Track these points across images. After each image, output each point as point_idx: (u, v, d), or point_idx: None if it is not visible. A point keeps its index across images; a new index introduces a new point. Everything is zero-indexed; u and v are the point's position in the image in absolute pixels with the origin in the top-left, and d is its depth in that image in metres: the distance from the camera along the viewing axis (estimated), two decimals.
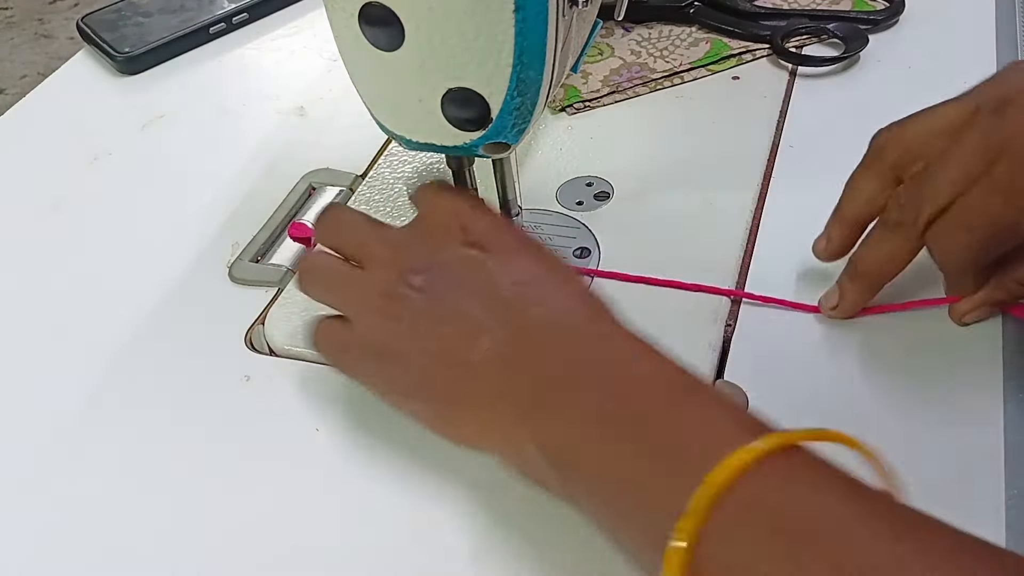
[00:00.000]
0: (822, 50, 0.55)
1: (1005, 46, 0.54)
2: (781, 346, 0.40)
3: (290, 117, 0.56)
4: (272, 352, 0.42)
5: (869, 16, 0.56)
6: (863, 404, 0.37)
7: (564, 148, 0.51)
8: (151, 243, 0.48)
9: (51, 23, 1.89)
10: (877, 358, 0.39)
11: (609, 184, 0.48)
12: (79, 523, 0.36)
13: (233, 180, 0.52)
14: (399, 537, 0.35)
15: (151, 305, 0.45)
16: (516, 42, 0.32)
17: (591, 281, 0.43)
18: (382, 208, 0.48)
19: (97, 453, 0.39)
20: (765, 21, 0.57)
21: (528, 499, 0.33)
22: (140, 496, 0.37)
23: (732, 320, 0.41)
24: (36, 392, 0.42)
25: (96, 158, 0.54)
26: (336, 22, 0.34)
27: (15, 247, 0.50)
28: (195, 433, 0.39)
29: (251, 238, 0.47)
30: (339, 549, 0.35)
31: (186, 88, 0.60)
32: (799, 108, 0.52)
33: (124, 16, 0.64)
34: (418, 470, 0.37)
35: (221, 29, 0.63)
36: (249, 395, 0.40)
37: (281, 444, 0.38)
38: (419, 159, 0.51)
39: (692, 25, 0.58)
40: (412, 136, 0.36)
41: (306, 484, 0.37)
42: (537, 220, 0.46)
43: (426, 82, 0.34)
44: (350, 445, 0.38)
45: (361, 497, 0.36)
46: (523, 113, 0.35)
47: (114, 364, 0.42)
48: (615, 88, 0.54)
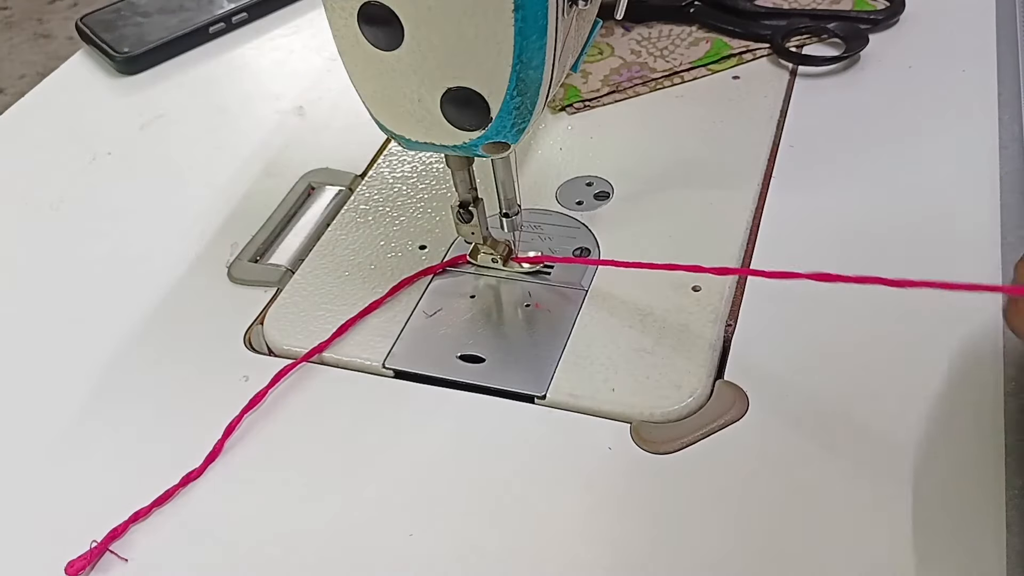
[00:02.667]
0: (823, 50, 0.55)
1: (1006, 46, 0.54)
2: (782, 347, 0.39)
3: (289, 117, 0.56)
4: (271, 352, 0.42)
5: (870, 16, 0.56)
6: (864, 404, 0.37)
7: (564, 148, 0.51)
8: (150, 243, 0.48)
9: (50, 23, 1.89)
10: (877, 359, 0.39)
11: (609, 184, 0.48)
12: (76, 522, 0.36)
13: (232, 180, 0.51)
14: (396, 535, 0.35)
15: (150, 305, 0.45)
16: (516, 42, 0.32)
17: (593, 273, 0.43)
18: (380, 208, 0.48)
19: (95, 452, 0.39)
20: (766, 20, 0.57)
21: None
22: (137, 495, 0.37)
23: (732, 320, 0.41)
24: (34, 391, 0.42)
25: (95, 158, 0.54)
26: (335, 22, 0.34)
27: (14, 247, 0.49)
28: (193, 432, 0.39)
29: (250, 238, 0.47)
30: (339, 555, 0.35)
31: (185, 88, 0.59)
32: (799, 108, 0.52)
33: (123, 16, 0.64)
34: (418, 469, 0.37)
35: (220, 29, 0.63)
36: (248, 395, 0.40)
37: (278, 444, 0.38)
38: (418, 159, 0.51)
39: (692, 24, 0.58)
40: (411, 136, 0.36)
41: (302, 484, 0.37)
42: (537, 220, 0.46)
43: (425, 82, 0.34)
44: (346, 445, 0.38)
45: (356, 497, 0.36)
46: (523, 113, 0.34)
47: (113, 363, 0.42)
48: (615, 88, 0.54)
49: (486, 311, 0.42)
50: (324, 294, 0.44)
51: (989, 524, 0.32)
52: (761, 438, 0.36)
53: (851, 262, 0.42)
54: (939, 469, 0.34)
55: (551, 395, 0.38)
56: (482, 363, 0.40)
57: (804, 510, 0.34)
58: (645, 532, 0.34)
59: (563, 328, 0.41)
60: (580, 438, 0.37)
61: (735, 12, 0.58)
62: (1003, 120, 0.49)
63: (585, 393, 0.38)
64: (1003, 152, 0.47)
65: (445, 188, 0.49)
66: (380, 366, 0.40)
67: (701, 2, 0.58)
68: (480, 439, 0.37)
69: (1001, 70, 0.52)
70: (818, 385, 0.38)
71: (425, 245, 0.46)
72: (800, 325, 0.40)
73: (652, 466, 0.36)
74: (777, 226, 0.45)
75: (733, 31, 0.57)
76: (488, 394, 0.39)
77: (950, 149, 0.48)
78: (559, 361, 0.39)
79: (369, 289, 0.44)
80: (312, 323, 0.42)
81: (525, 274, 0.44)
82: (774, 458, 0.35)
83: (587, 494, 0.35)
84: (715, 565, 0.33)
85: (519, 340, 0.41)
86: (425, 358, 0.41)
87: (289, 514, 0.36)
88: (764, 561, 0.33)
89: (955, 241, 0.43)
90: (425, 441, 0.38)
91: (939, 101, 0.51)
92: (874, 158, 0.48)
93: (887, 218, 0.44)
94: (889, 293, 0.40)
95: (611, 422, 0.37)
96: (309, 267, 0.45)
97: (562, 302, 0.42)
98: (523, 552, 0.34)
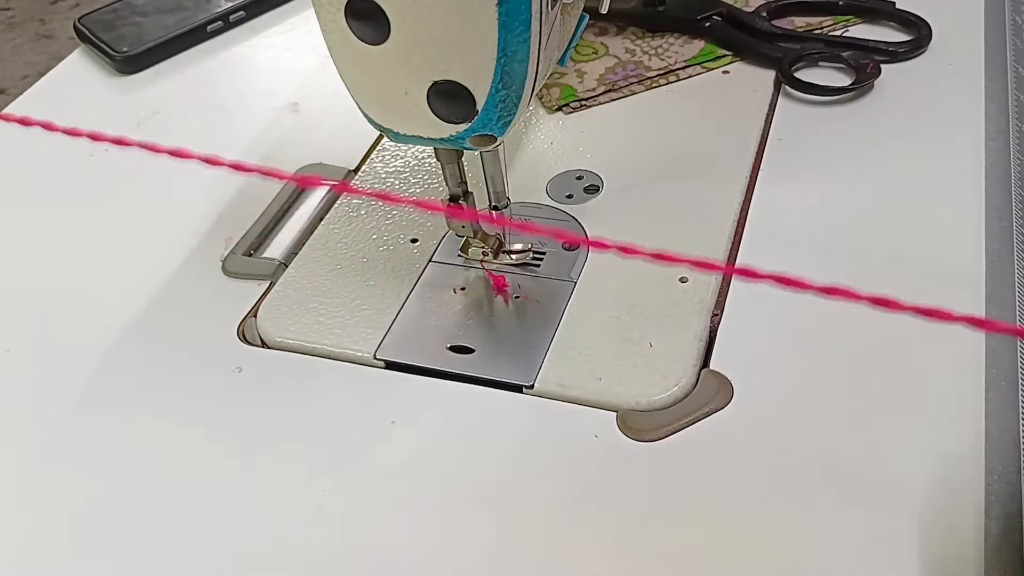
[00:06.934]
0: (831, 74, 0.54)
1: (993, 39, 0.54)
2: (768, 337, 0.40)
3: (284, 113, 0.57)
4: (264, 344, 0.43)
5: (888, 48, 0.54)
6: (848, 393, 0.38)
7: (554, 142, 0.51)
8: (146, 238, 0.49)
9: (52, 23, 1.90)
10: (862, 348, 0.39)
11: (599, 177, 0.49)
12: (71, 517, 0.37)
13: (227, 175, 0.52)
14: (386, 524, 0.35)
15: (146, 298, 0.45)
16: (500, 35, 0.33)
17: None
18: (373, 202, 0.49)
19: (90, 444, 0.39)
20: (781, 43, 0.56)
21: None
22: (132, 486, 0.37)
23: (719, 310, 0.41)
24: (29, 384, 0.42)
25: (92, 155, 0.55)
26: (323, 17, 0.34)
27: (12, 242, 0.50)
28: (187, 423, 0.39)
29: (244, 232, 0.48)
30: (330, 544, 0.35)
31: (182, 86, 0.60)
32: (787, 101, 0.52)
33: (121, 16, 0.64)
34: (408, 458, 0.37)
35: (218, 28, 0.64)
36: (241, 386, 0.41)
37: (271, 435, 0.39)
38: (410, 154, 0.51)
39: (705, 38, 0.57)
40: (399, 129, 0.37)
41: (296, 476, 0.37)
42: (527, 213, 0.47)
43: (412, 75, 0.34)
44: (337, 435, 0.38)
45: (346, 487, 0.37)
46: (508, 106, 0.35)
47: (108, 356, 0.43)
48: (611, 87, 0.55)
49: (476, 303, 0.43)
50: (317, 287, 0.44)
51: (969, 510, 0.33)
52: (745, 426, 0.37)
53: (837, 255, 0.43)
54: (921, 457, 0.35)
55: (539, 385, 0.39)
56: (472, 354, 0.41)
57: (787, 497, 0.34)
58: (631, 518, 0.34)
59: (551, 319, 0.41)
60: (567, 427, 0.37)
61: (751, 31, 0.56)
62: (989, 113, 0.49)
63: (572, 383, 0.39)
64: (989, 144, 0.47)
65: (437, 183, 0.49)
66: (371, 357, 0.41)
67: (719, 18, 0.57)
68: (469, 428, 0.38)
69: (988, 63, 0.53)
70: (802, 374, 0.38)
71: (417, 238, 0.46)
72: (785, 316, 0.40)
73: (638, 454, 0.36)
74: (764, 219, 0.45)
75: (744, 51, 0.56)
76: (478, 384, 0.40)
77: (936, 142, 0.48)
78: (547, 351, 0.40)
79: (361, 282, 0.44)
80: (305, 316, 0.43)
81: (514, 266, 0.44)
82: (758, 446, 0.36)
83: (574, 481, 0.36)
84: (700, 551, 0.33)
85: (508, 331, 0.42)
86: (415, 349, 0.41)
87: (279, 504, 0.36)
88: (749, 548, 0.33)
89: (940, 234, 0.43)
90: (415, 431, 0.38)
91: (925, 94, 0.51)
92: (860, 151, 0.48)
93: (873, 211, 0.45)
94: (872, 285, 0.40)
95: (598, 411, 0.38)
96: (302, 260, 0.46)
97: (551, 294, 0.43)
98: (511, 539, 0.34)
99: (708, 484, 0.35)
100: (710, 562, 0.33)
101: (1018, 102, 0.49)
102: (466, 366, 0.40)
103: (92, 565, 0.35)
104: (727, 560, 0.33)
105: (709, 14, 0.57)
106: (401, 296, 0.43)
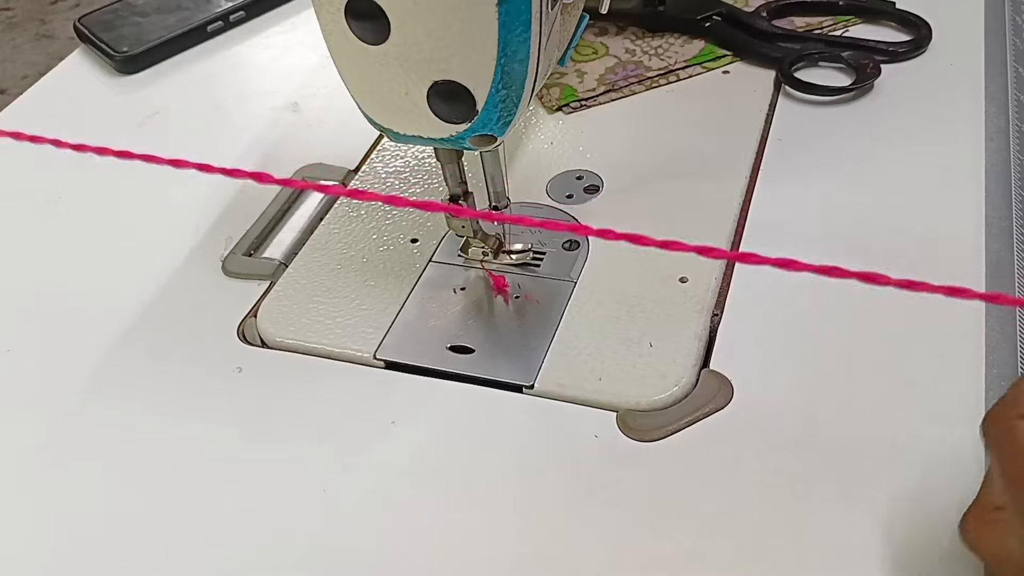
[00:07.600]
0: (831, 74, 0.54)
1: (993, 39, 0.54)
2: (767, 337, 0.40)
3: (284, 113, 0.57)
4: (264, 344, 0.43)
5: (888, 48, 0.54)
6: (847, 394, 0.38)
7: (554, 142, 0.51)
8: (147, 237, 0.49)
9: (52, 23, 1.90)
10: (861, 348, 0.39)
11: (599, 177, 0.49)
12: (71, 516, 0.37)
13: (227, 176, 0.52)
14: (386, 524, 0.35)
15: (146, 298, 0.45)
16: (500, 35, 0.33)
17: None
18: (373, 202, 0.49)
19: (90, 444, 0.39)
20: (781, 43, 0.56)
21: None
22: (132, 486, 0.37)
23: (719, 311, 0.41)
24: (29, 384, 0.42)
25: (92, 154, 0.55)
26: (323, 17, 0.34)
27: (12, 243, 0.50)
28: (187, 422, 0.39)
29: (244, 232, 0.48)
30: (331, 544, 0.35)
31: (182, 86, 0.60)
32: (787, 101, 0.52)
33: (121, 16, 0.64)
34: (408, 458, 0.37)
35: (218, 27, 0.64)
36: (241, 386, 0.41)
37: (271, 434, 0.39)
38: (411, 153, 0.51)
39: (705, 38, 0.57)
40: (399, 129, 0.37)
41: (296, 475, 0.37)
42: (527, 213, 0.47)
43: (412, 75, 0.34)
44: (337, 435, 0.38)
45: (347, 487, 0.37)
46: (508, 106, 0.35)
47: (108, 356, 0.43)
48: (611, 87, 0.55)
49: (476, 303, 0.43)
50: (317, 287, 0.44)
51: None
52: (745, 426, 0.37)
53: (837, 255, 0.43)
54: (920, 456, 0.35)
55: (539, 385, 0.39)
56: (472, 354, 0.41)
57: (787, 496, 0.34)
58: (631, 518, 0.34)
59: (551, 319, 0.41)
60: (567, 427, 0.37)
61: (751, 31, 0.56)
62: (989, 113, 0.49)
63: (573, 383, 0.39)
64: (989, 144, 0.47)
65: (437, 183, 0.49)
66: (371, 357, 0.41)
67: (719, 18, 0.57)
68: (469, 428, 0.38)
69: (988, 63, 0.53)
70: (801, 374, 0.38)
71: (417, 238, 0.46)
72: (785, 315, 0.40)
73: (637, 454, 0.36)
74: (764, 219, 0.45)
75: (744, 51, 0.56)
76: (477, 384, 0.40)
77: (936, 142, 0.48)
78: (547, 351, 0.40)
79: (361, 282, 0.44)
80: (305, 316, 0.43)
81: (514, 266, 0.44)
82: (757, 445, 0.36)
83: (574, 481, 0.36)
84: (700, 551, 0.33)
85: (508, 331, 0.42)
86: (416, 349, 0.41)
87: (279, 503, 0.36)
88: (748, 547, 0.33)
89: (940, 231, 0.43)
90: (415, 431, 0.38)
91: (925, 94, 0.51)
92: (860, 151, 0.48)
93: (873, 210, 0.45)
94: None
95: (598, 411, 0.38)
96: (302, 261, 0.46)
97: (551, 294, 0.43)
98: (511, 538, 0.34)
99: (708, 484, 0.35)
100: (710, 562, 0.33)
101: (1018, 102, 0.50)
102: (466, 366, 0.40)
103: (92, 565, 0.35)
104: (727, 560, 0.33)
105: (709, 14, 0.57)
106: (401, 296, 0.43)
